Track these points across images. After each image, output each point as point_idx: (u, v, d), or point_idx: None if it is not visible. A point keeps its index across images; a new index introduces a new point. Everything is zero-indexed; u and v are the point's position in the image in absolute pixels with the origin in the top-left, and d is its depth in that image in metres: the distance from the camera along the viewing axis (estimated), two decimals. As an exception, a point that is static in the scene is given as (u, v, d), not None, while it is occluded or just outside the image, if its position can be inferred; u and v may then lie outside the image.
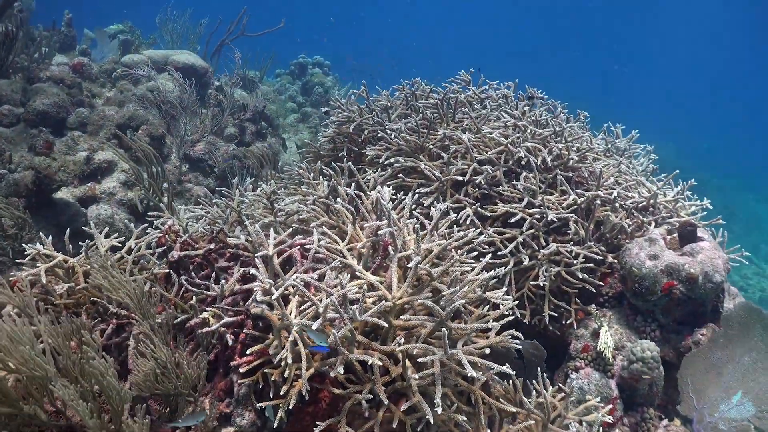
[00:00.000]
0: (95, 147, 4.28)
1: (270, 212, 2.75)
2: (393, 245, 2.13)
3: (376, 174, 2.93)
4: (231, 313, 2.10)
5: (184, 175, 4.49)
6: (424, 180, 3.00)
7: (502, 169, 2.91)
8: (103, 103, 4.79)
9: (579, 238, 2.74)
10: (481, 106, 3.82)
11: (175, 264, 2.32)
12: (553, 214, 2.64)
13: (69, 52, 6.86)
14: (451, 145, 3.13)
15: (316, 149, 3.76)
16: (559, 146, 2.94)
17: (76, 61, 5.60)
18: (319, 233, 2.33)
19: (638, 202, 2.94)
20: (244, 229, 2.58)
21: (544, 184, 2.95)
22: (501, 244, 2.73)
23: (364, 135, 3.43)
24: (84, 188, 4.00)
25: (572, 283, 2.66)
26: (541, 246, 2.72)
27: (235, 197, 2.99)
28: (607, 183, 2.97)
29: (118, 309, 2.11)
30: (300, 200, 2.62)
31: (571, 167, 3.09)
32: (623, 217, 2.89)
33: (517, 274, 2.74)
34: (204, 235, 2.64)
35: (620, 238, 2.87)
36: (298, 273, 2.19)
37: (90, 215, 3.93)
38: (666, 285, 2.38)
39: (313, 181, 2.80)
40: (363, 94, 3.78)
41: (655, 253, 2.46)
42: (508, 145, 2.88)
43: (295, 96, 8.96)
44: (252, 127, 5.22)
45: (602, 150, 3.44)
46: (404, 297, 1.99)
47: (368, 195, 2.62)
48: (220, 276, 2.40)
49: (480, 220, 2.85)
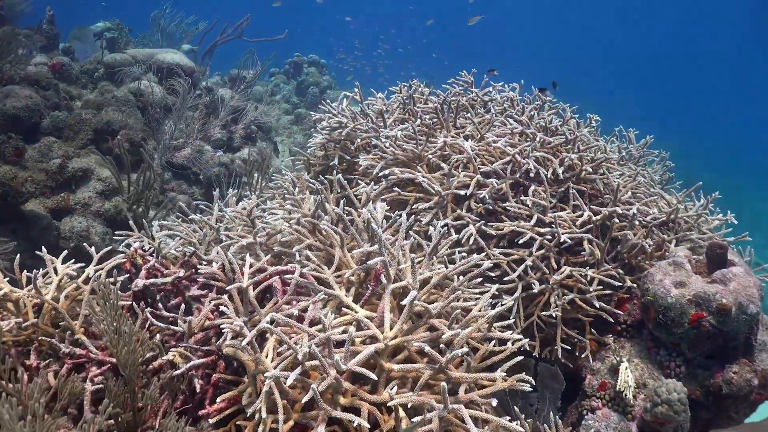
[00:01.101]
0: (70, 154, 4.04)
1: (251, 231, 2.50)
2: (386, 274, 1.89)
3: (368, 188, 2.69)
4: (200, 353, 1.86)
5: (166, 183, 4.25)
6: (422, 194, 2.75)
7: (508, 182, 2.67)
8: (81, 106, 4.54)
9: (594, 259, 2.50)
10: (485, 109, 3.58)
11: (141, 294, 2.08)
12: (566, 234, 2.39)
13: (52, 51, 6.63)
14: (452, 155, 2.89)
15: (306, 157, 3.51)
16: (571, 156, 2.69)
17: (55, 61, 5.37)
18: (302, 258, 2.09)
19: (658, 218, 2.70)
20: (223, 249, 2.34)
21: (555, 197, 2.71)
22: (508, 266, 2.49)
23: (358, 142, 3.19)
24: (57, 199, 3.76)
25: (587, 311, 2.41)
26: (552, 269, 2.48)
27: (214, 212, 2.75)
28: (624, 197, 2.73)
29: (71, 348, 1.87)
30: (284, 218, 2.37)
31: (584, 179, 2.85)
32: (642, 235, 2.64)
33: (525, 299, 2.50)
34: (177, 258, 2.40)
35: (640, 258, 2.63)
36: (279, 306, 1.95)
37: (63, 228, 3.70)
38: (694, 316, 2.14)
39: (299, 196, 2.56)
40: (357, 97, 3.53)
41: (682, 280, 2.21)
42: (515, 155, 2.63)
43: (289, 96, 8.72)
44: (241, 131, 4.98)
45: (617, 159, 3.20)
46: (398, 337, 1.75)
47: (360, 212, 2.38)
48: (191, 306, 2.16)
49: (483, 238, 2.61)
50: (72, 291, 2.00)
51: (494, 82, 3.87)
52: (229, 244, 2.32)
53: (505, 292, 2.47)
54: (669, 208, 2.96)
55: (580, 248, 2.58)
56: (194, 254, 2.25)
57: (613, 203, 2.67)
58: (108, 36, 8.06)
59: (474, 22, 7.62)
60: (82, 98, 5.09)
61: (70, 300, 2.00)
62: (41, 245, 3.61)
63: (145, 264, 2.19)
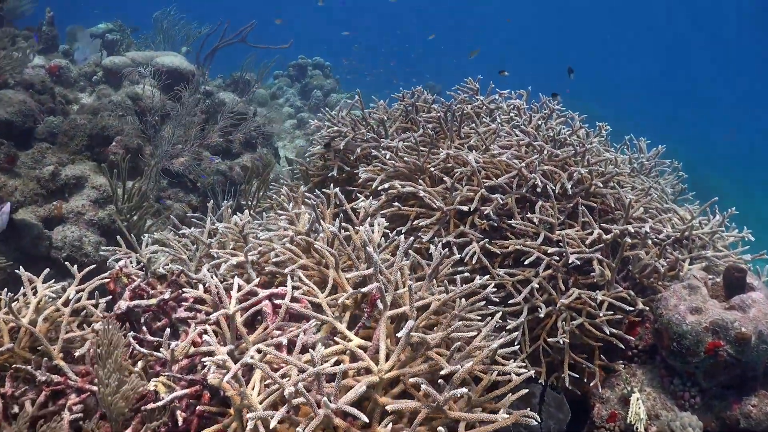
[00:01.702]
0: (64, 160, 3.96)
1: (243, 248, 2.40)
2: (382, 300, 1.79)
3: (367, 203, 2.58)
4: (184, 383, 1.76)
5: (163, 190, 4.16)
6: (423, 208, 2.65)
7: (514, 197, 2.56)
8: (76, 111, 4.47)
9: (604, 280, 2.38)
10: (490, 118, 3.47)
11: (124, 316, 1.98)
12: (575, 255, 2.28)
13: (52, 53, 6.56)
14: (456, 167, 2.78)
15: (305, 167, 3.41)
16: (581, 171, 2.58)
17: (52, 64, 5.30)
18: (295, 281, 1.99)
19: (671, 235, 2.58)
20: (212, 270, 2.25)
21: (563, 213, 2.60)
22: (513, 288, 2.38)
23: (358, 152, 3.08)
24: (49, 207, 3.68)
25: (596, 335, 2.30)
26: (560, 290, 2.37)
27: (207, 226, 2.66)
28: (636, 213, 2.61)
29: (47, 376, 1.77)
30: (277, 235, 2.27)
31: (593, 193, 2.74)
32: (655, 254, 2.53)
33: (531, 321, 2.39)
34: (165, 276, 2.30)
35: (652, 279, 2.51)
36: (269, 332, 1.85)
37: (55, 237, 3.61)
38: (710, 345, 2.03)
39: (295, 211, 2.46)
40: (357, 104, 3.44)
41: (698, 305, 2.10)
42: (521, 169, 2.52)
43: (292, 100, 8.63)
44: (241, 137, 4.90)
45: (628, 171, 3.08)
46: (394, 369, 1.65)
47: (357, 229, 2.27)
48: (178, 329, 2.07)
49: (488, 256, 2.50)
50: (52, 312, 1.91)
51: (504, 84, 3.76)
52: (219, 262, 2.22)
53: (510, 314, 2.36)
54: (683, 224, 2.84)
55: (589, 267, 2.47)
56: (182, 273, 2.15)
57: (624, 220, 2.55)
58: (110, 38, 8.00)
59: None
60: (79, 102, 5.02)
61: (50, 323, 1.91)
62: (33, 255, 3.55)
63: (130, 284, 2.09)
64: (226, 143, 4.68)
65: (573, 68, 6.28)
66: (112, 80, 5.41)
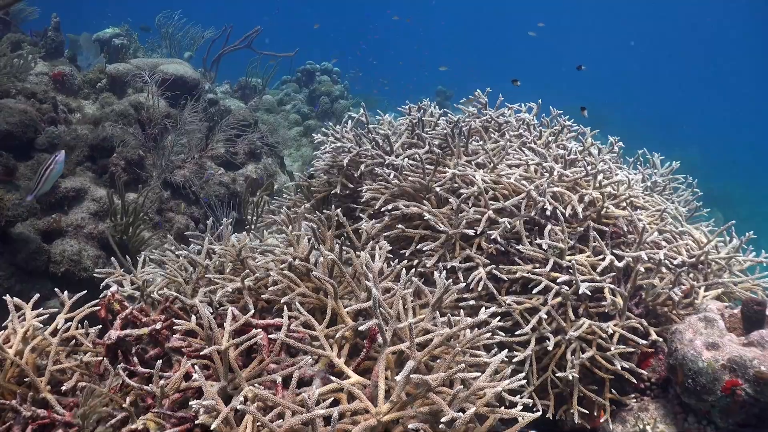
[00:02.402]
0: (64, 172, 3.92)
1: (240, 272, 2.35)
2: (381, 336, 1.72)
3: (369, 224, 2.52)
4: (175, 420, 1.70)
5: (165, 202, 4.11)
6: (428, 230, 2.57)
7: (522, 221, 2.48)
8: (77, 121, 4.44)
9: (616, 310, 2.30)
10: (499, 133, 3.39)
11: (115, 346, 1.93)
12: (586, 284, 2.20)
13: (58, 59, 6.55)
14: (462, 186, 2.71)
15: (307, 183, 3.35)
16: (593, 193, 2.50)
17: (56, 71, 5.27)
18: (293, 310, 1.93)
19: (687, 262, 2.49)
20: (207, 296, 2.19)
21: (574, 237, 2.52)
22: (520, 316, 2.30)
23: (362, 169, 3.02)
24: (48, 220, 3.63)
25: (607, 368, 2.22)
26: (570, 319, 2.29)
27: (205, 245, 2.60)
28: (651, 238, 2.53)
29: (33, 411, 1.71)
30: (275, 260, 2.21)
31: (605, 215, 2.65)
32: (669, 281, 2.44)
33: (539, 351, 2.31)
34: (159, 301, 2.24)
35: (666, 307, 2.43)
36: (264, 367, 1.79)
37: (54, 252, 3.57)
38: (728, 384, 1.94)
39: (294, 233, 2.39)
40: (363, 119, 3.37)
41: (715, 341, 2.01)
42: (530, 191, 2.44)
43: (300, 106, 8.58)
44: (245, 147, 4.85)
45: (641, 192, 2.99)
46: (393, 411, 1.57)
47: (359, 254, 2.20)
48: (171, 358, 2.01)
49: (494, 281, 2.43)
50: (40, 342, 1.85)
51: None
52: (215, 288, 2.16)
53: (517, 343, 2.29)
54: (698, 247, 2.75)
55: (600, 293, 2.38)
56: (176, 299, 2.09)
57: (637, 245, 2.47)
58: (116, 42, 7.99)
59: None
60: (83, 110, 4.99)
61: (38, 353, 1.86)
62: (29, 270, 3.51)
63: (122, 310, 2.03)
64: (230, 155, 4.64)
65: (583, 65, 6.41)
66: (117, 88, 5.38)
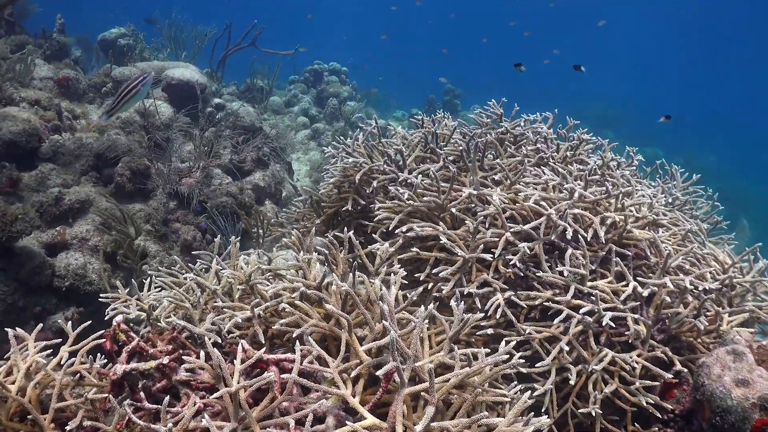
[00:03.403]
0: (69, 182, 3.88)
1: (249, 296, 2.30)
2: (399, 377, 1.66)
3: (383, 247, 2.46)
4: (183, 463, 1.65)
5: (171, 212, 4.07)
6: (443, 253, 2.51)
7: (542, 244, 2.42)
8: (81, 128, 4.40)
9: (639, 339, 2.24)
10: (515, 147, 3.32)
11: (121, 381, 1.88)
12: (609, 313, 2.13)
13: (61, 60, 6.52)
14: (478, 207, 2.65)
15: (317, 197, 3.30)
16: (616, 217, 2.43)
17: (61, 75, 5.24)
18: (305, 345, 1.88)
19: (713, 290, 2.42)
20: (216, 324, 2.14)
21: (595, 261, 2.45)
22: (539, 345, 2.24)
23: (374, 185, 2.96)
24: (53, 233, 3.60)
25: (630, 400, 2.16)
26: (591, 349, 2.22)
27: (212, 267, 2.55)
28: (675, 263, 2.45)
29: (36, 452, 1.67)
30: (286, 288, 2.15)
31: (627, 237, 2.59)
32: (694, 308, 2.37)
33: (559, 381, 2.25)
34: (166, 329, 2.20)
35: (691, 335, 2.36)
36: (276, 406, 1.74)
37: (58, 265, 3.54)
38: (758, 423, 1.88)
39: (306, 257, 2.34)
40: (375, 131, 3.31)
41: (744, 377, 1.94)
42: (550, 215, 2.38)
43: (307, 108, 8.52)
44: (252, 154, 4.80)
45: (665, 212, 2.91)
46: (411, 459, 1.52)
47: (372, 282, 2.14)
48: (179, 391, 1.96)
49: (511, 307, 2.37)
50: (43, 378, 1.81)
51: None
52: (223, 317, 2.10)
53: (537, 373, 2.23)
54: (721, 269, 2.68)
55: (622, 320, 2.32)
56: (184, 328, 2.05)
57: (661, 271, 2.40)
58: (122, 43, 7.95)
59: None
60: (87, 116, 4.95)
61: (41, 388, 1.81)
62: (33, 285, 3.48)
63: (128, 341, 1.99)
64: (237, 162, 4.59)
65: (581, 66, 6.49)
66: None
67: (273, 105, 8.30)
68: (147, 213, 3.96)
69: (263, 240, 3.54)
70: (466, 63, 22.92)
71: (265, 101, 8.06)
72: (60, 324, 3.47)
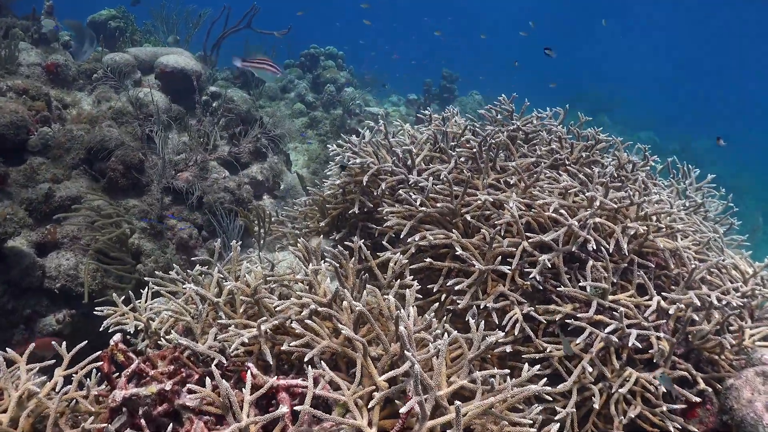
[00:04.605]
0: (59, 177, 3.74)
1: (253, 309, 2.19)
2: (421, 410, 1.57)
3: (395, 257, 2.35)
4: (188, 500, 1.55)
5: (166, 208, 3.94)
6: (456, 262, 2.41)
7: (561, 255, 2.32)
8: (72, 119, 4.24)
9: (663, 358, 2.15)
10: (528, 145, 3.21)
11: (121, 407, 1.77)
12: (635, 331, 2.05)
13: (50, 45, 6.31)
14: (492, 213, 2.54)
15: (321, 198, 3.18)
16: (640, 228, 2.33)
17: (50, 62, 5.05)
18: (317, 367, 1.78)
19: (738, 305, 2.34)
20: (220, 343, 2.03)
21: (616, 273, 2.36)
22: (559, 363, 2.15)
23: (382, 187, 2.84)
24: (42, 231, 3.47)
25: (653, 422, 2.08)
26: (613, 367, 2.14)
27: (213, 277, 2.44)
28: (699, 276, 2.37)
29: (31, 487, 1.57)
30: (295, 303, 2.05)
31: (648, 246, 2.49)
32: (717, 323, 2.28)
33: (579, 400, 2.16)
34: (167, 347, 2.09)
35: (714, 352, 2.28)
36: (285, 438, 1.64)
37: (49, 266, 3.41)
38: (794, 452, 1.79)
39: (313, 267, 2.22)
40: (382, 129, 3.18)
41: (778, 403, 1.86)
42: (572, 225, 2.28)
43: (304, 94, 8.35)
44: (249, 146, 4.66)
45: (683, 215, 2.82)
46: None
47: (387, 298, 2.04)
48: (182, 416, 1.86)
49: (528, 320, 2.28)
50: (36, 406, 1.70)
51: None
52: (229, 335, 1.99)
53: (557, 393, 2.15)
54: (742, 278, 2.60)
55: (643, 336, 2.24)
56: (186, 348, 1.94)
57: (684, 284, 2.31)
58: (113, 25, 7.73)
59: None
60: (78, 103, 4.78)
61: (35, 417, 1.70)
62: (23, 287, 3.35)
63: (127, 362, 1.88)
64: (234, 155, 4.45)
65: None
66: (114, 79, 5.17)
67: (268, 91, 8.12)
68: (141, 209, 3.83)
69: (264, 241, 3.43)
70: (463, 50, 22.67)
71: (260, 87, 7.87)
72: (52, 327, 3.36)
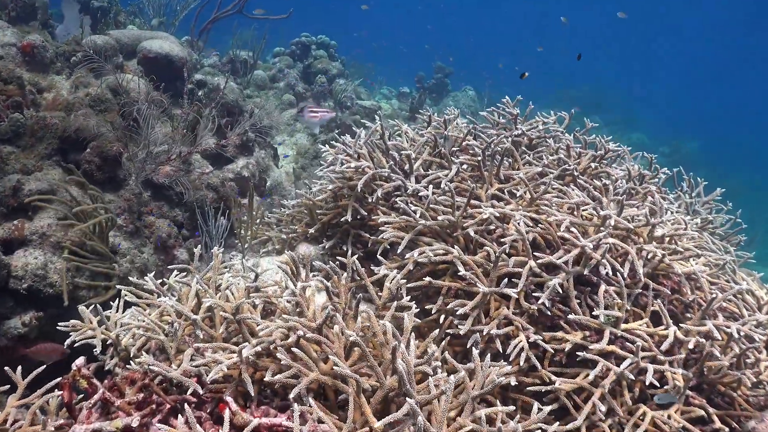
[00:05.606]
0: (30, 168, 3.50)
1: (233, 326, 2.00)
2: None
3: (392, 274, 2.17)
4: None
5: (145, 205, 3.72)
6: (457, 282, 2.24)
7: (572, 278, 2.15)
8: (47, 106, 3.99)
9: (677, 394, 2.00)
10: (534, 152, 3.05)
11: (80, 443, 1.58)
12: (652, 367, 1.89)
13: (28, 23, 6.02)
14: (497, 226, 2.37)
15: (311, 202, 2.98)
16: (658, 252, 2.17)
17: (26, 42, 4.77)
18: (303, 403, 1.60)
19: (758, 340, 2.19)
20: (196, 369, 1.84)
21: (629, 299, 2.20)
22: (566, 398, 1.99)
23: (378, 194, 2.66)
24: (9, 227, 3.23)
25: (668, 464, 1.93)
26: (625, 402, 1.98)
27: (192, 288, 2.24)
28: (718, 305, 2.22)
29: None
30: (281, 327, 1.86)
31: (663, 269, 2.34)
32: (734, 356, 2.14)
33: None
34: (135, 372, 1.89)
35: (731, 387, 2.14)
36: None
37: (15, 264, 3.17)
38: None
39: (301, 284, 2.04)
40: (378, 129, 3.00)
41: (808, 454, 1.72)
42: (585, 247, 2.11)
43: (294, 84, 8.10)
44: (236, 139, 4.45)
45: (696, 235, 2.67)
46: None
47: (382, 324, 1.86)
48: (152, 451, 1.67)
49: (533, 347, 2.11)
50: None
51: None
52: (206, 362, 1.80)
53: (561, 429, 1.99)
54: (757, 304, 2.47)
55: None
56: (156, 376, 1.75)
57: (702, 313, 2.15)
58: (96, 5, 7.42)
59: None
60: (54, 87, 4.52)
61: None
62: (-14, 287, 3.12)
63: (91, 390, 1.69)
64: (219, 148, 4.23)
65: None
66: (92, 63, 4.91)
67: (257, 79, 7.87)
68: (119, 205, 3.61)
69: (248, 245, 3.23)
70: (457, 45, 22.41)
71: (248, 75, 7.62)
72: (17, 330, 3.13)
